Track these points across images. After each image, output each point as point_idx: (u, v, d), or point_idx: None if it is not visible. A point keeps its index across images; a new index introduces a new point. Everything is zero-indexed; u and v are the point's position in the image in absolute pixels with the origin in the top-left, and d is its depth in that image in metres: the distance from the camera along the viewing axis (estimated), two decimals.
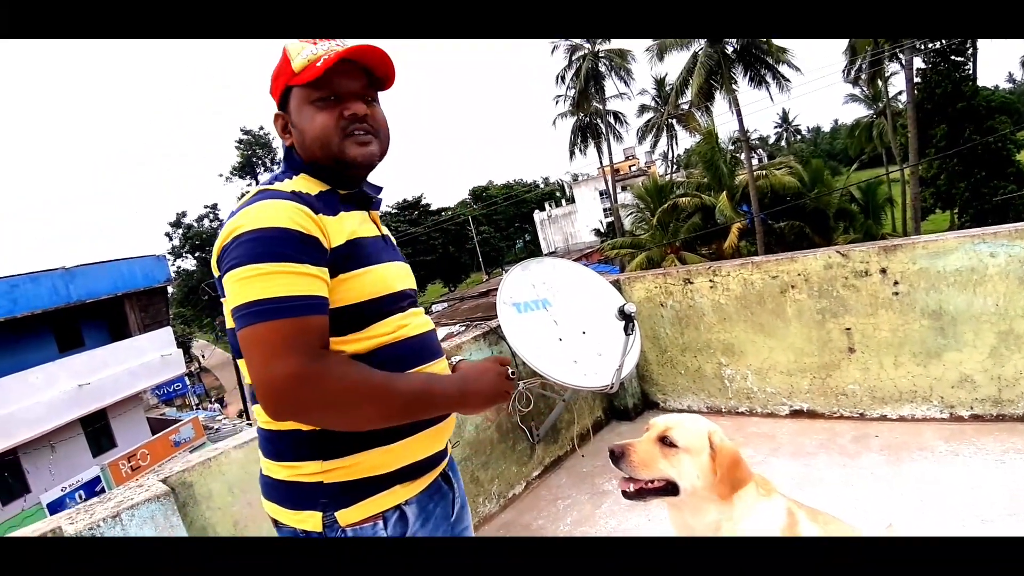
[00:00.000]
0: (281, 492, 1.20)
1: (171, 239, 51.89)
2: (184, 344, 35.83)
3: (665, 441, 1.54)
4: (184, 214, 52.44)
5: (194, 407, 33.03)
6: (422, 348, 1.30)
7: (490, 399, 1.26)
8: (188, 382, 34.48)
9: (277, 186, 1.19)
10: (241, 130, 45.20)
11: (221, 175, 46.02)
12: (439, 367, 1.34)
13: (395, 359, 1.22)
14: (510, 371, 1.30)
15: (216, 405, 35.06)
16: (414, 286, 1.40)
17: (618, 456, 1.53)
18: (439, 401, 1.20)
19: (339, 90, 1.21)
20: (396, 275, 1.30)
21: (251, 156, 44.87)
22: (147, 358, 18.21)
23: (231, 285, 1.07)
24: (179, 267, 51.74)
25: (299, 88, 1.22)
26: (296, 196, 1.14)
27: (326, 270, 1.11)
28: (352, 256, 1.18)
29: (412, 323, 1.30)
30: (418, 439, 1.24)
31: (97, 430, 18.08)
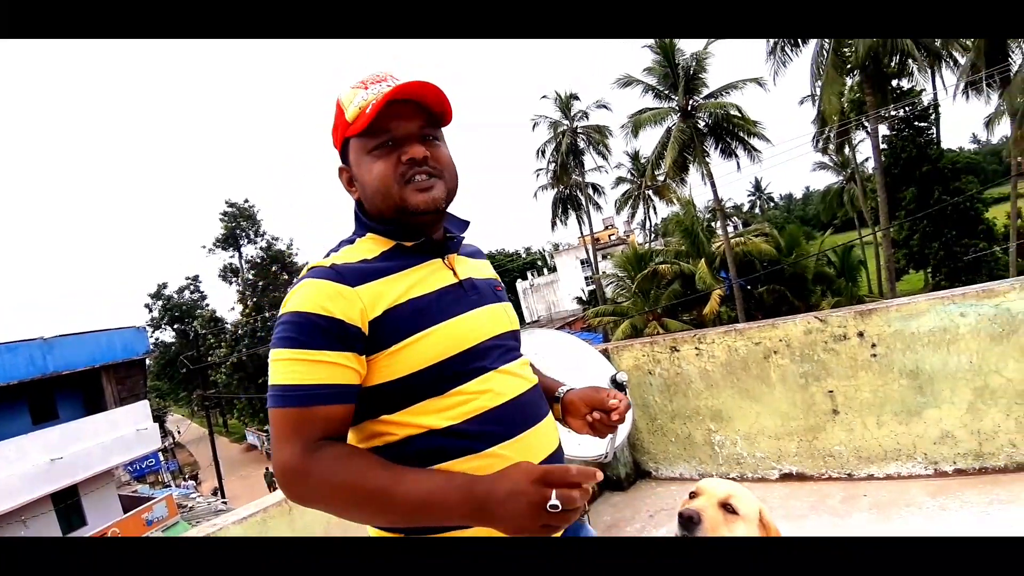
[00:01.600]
0: None
1: (151, 310, 51.59)
2: (159, 418, 34.95)
3: (727, 508, 1.54)
4: (165, 285, 52.33)
5: (167, 484, 31.92)
6: (509, 419, 1.15)
7: (516, 531, 0.94)
8: (162, 458, 33.45)
9: (331, 258, 1.15)
10: (226, 202, 45.61)
11: (204, 247, 46.15)
12: (539, 433, 1.19)
13: (474, 436, 1.10)
14: (551, 502, 0.88)
15: (190, 482, 33.86)
16: (506, 329, 1.25)
17: (696, 522, 1.48)
18: (446, 516, 0.99)
19: (395, 134, 1.14)
20: (473, 327, 1.16)
21: (235, 228, 45.09)
22: (122, 432, 17.76)
23: (269, 366, 1.08)
24: (157, 339, 51.21)
25: (355, 138, 1.17)
26: (333, 271, 1.09)
27: (348, 354, 1.05)
28: (403, 321, 1.09)
29: (495, 387, 1.14)
30: None
31: (68, 507, 17.41)
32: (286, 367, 1.03)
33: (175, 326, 51.63)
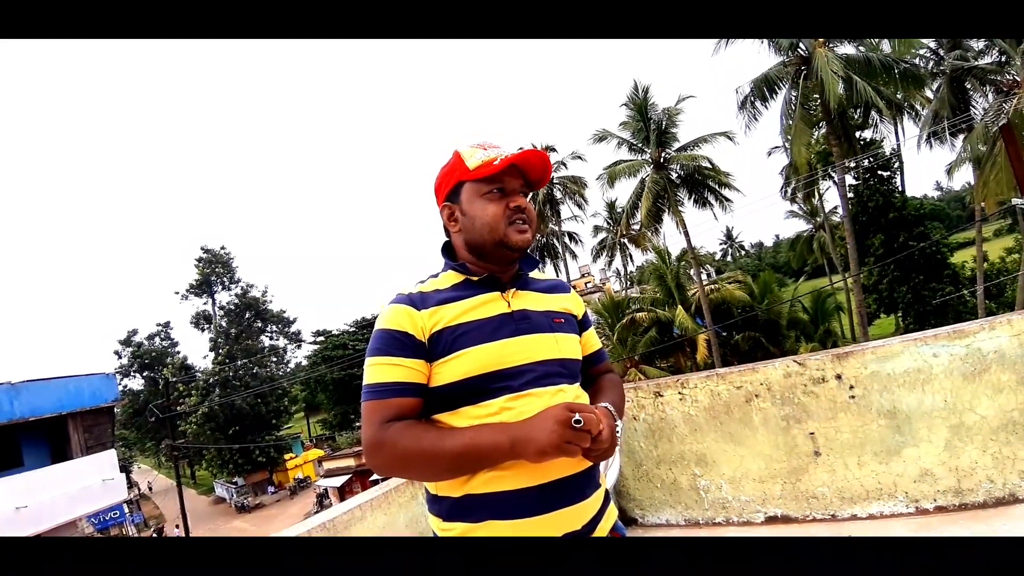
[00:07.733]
0: None
1: (120, 357, 50.35)
2: (125, 469, 33.64)
3: None
4: (135, 331, 51.21)
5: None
6: None
7: (544, 451, 1.20)
8: (127, 510, 32.12)
9: (417, 287, 1.46)
10: (202, 248, 45.06)
11: (177, 292, 45.38)
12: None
13: None
14: (574, 419, 1.17)
15: (154, 536, 32.47)
16: (549, 357, 1.42)
17: None
18: (489, 454, 1.25)
19: (506, 186, 1.45)
20: (510, 352, 1.37)
21: (210, 274, 44.50)
22: (87, 482, 17.19)
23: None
24: (126, 386, 49.84)
25: (472, 183, 1.45)
26: (408, 297, 1.41)
27: (416, 360, 1.35)
28: (451, 339, 1.36)
29: (520, 407, 1.32)
30: (544, 519, 1.29)
31: None
32: (371, 370, 1.35)
33: (144, 373, 50.46)
